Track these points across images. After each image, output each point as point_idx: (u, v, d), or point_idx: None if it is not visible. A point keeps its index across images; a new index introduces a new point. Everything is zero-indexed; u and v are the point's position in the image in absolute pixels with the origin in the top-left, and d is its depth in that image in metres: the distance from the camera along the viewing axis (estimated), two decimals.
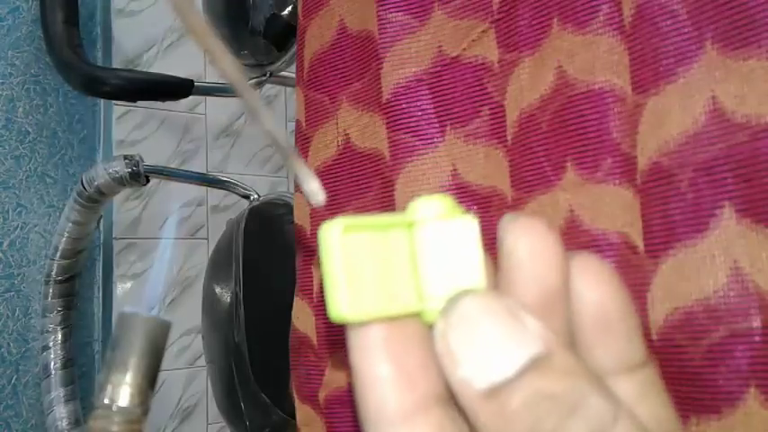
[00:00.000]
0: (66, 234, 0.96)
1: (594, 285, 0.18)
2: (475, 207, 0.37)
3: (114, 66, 1.36)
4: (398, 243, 0.17)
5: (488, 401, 0.15)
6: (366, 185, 0.42)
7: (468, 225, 0.17)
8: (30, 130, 1.19)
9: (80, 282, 1.03)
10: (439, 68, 0.38)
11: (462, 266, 0.17)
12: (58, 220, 1.01)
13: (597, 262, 0.18)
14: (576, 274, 0.18)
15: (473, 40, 0.38)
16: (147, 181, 0.91)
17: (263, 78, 0.88)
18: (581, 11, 0.33)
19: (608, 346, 0.18)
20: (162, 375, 0.21)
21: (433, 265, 0.17)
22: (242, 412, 0.85)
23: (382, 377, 0.16)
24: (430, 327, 0.17)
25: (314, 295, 0.45)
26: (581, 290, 0.18)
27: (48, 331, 1.00)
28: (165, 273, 0.24)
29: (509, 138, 0.36)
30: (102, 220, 1.27)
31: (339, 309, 0.16)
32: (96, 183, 0.89)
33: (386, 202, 0.40)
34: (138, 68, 1.44)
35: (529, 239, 0.17)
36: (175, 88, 0.82)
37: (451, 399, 0.17)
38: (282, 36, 0.82)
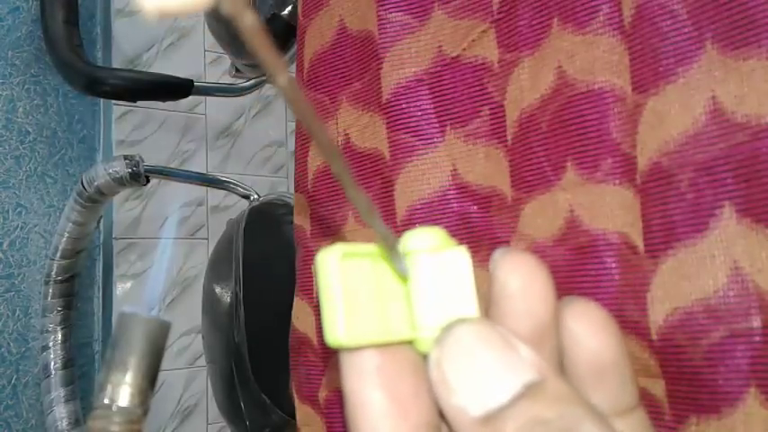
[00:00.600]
0: (66, 234, 0.96)
1: (593, 333, 0.18)
2: (475, 207, 0.37)
3: (114, 66, 1.36)
4: (393, 272, 0.18)
5: (483, 428, 0.16)
6: (366, 185, 0.42)
7: (461, 256, 0.18)
8: (30, 130, 1.19)
9: (80, 282, 1.03)
10: (439, 68, 0.38)
11: (455, 297, 0.17)
12: (58, 220, 1.01)
13: (596, 308, 0.19)
14: (575, 320, 0.18)
15: (473, 40, 0.38)
16: (147, 181, 0.91)
17: (263, 78, 0.88)
18: (581, 11, 0.33)
19: (602, 391, 0.18)
20: (162, 375, 0.21)
21: (426, 295, 0.18)
22: (242, 412, 0.85)
23: (375, 404, 0.16)
24: (422, 356, 0.17)
25: (314, 295, 0.45)
26: (579, 336, 0.18)
27: (48, 331, 1.00)
28: (165, 273, 0.24)
29: (509, 138, 0.36)
30: (102, 220, 1.27)
31: (336, 334, 0.16)
32: (96, 183, 0.89)
33: (386, 202, 0.40)
34: (138, 68, 1.44)
35: (520, 274, 0.18)
36: (175, 88, 0.82)
37: (441, 429, 0.17)
38: (282, 36, 0.82)
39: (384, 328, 0.17)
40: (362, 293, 0.17)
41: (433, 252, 0.18)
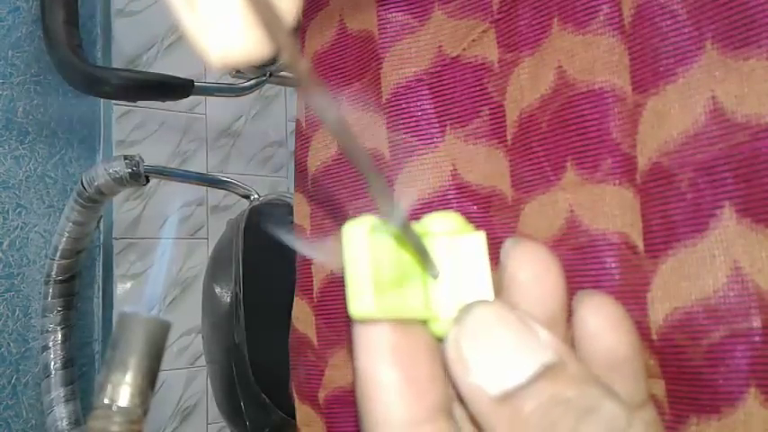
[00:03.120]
0: (66, 234, 0.96)
1: (609, 328, 0.18)
2: (475, 207, 0.37)
3: (114, 66, 1.36)
4: (411, 253, 0.18)
5: (501, 407, 0.16)
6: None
7: (477, 241, 0.18)
8: (30, 130, 1.19)
9: (80, 282, 1.03)
10: (439, 68, 0.38)
11: (471, 280, 0.18)
12: (58, 220, 1.01)
13: (613, 304, 0.19)
14: (591, 315, 0.18)
15: (473, 40, 0.38)
16: (147, 181, 0.91)
17: (263, 78, 0.88)
18: (581, 11, 0.33)
19: (614, 384, 0.18)
20: (162, 375, 0.21)
21: (443, 277, 0.18)
22: (242, 412, 0.85)
23: (390, 384, 0.16)
24: (437, 337, 0.17)
25: (314, 295, 0.45)
26: (595, 330, 0.18)
27: (48, 331, 1.00)
28: (165, 273, 0.24)
29: (509, 138, 0.36)
30: (102, 220, 1.27)
31: (363, 304, 0.16)
32: (96, 183, 0.89)
33: None
34: (138, 68, 1.44)
35: (532, 264, 0.18)
36: (175, 88, 0.82)
37: (453, 414, 0.17)
38: None
39: (403, 304, 0.17)
40: (385, 268, 0.17)
41: (451, 235, 0.18)
